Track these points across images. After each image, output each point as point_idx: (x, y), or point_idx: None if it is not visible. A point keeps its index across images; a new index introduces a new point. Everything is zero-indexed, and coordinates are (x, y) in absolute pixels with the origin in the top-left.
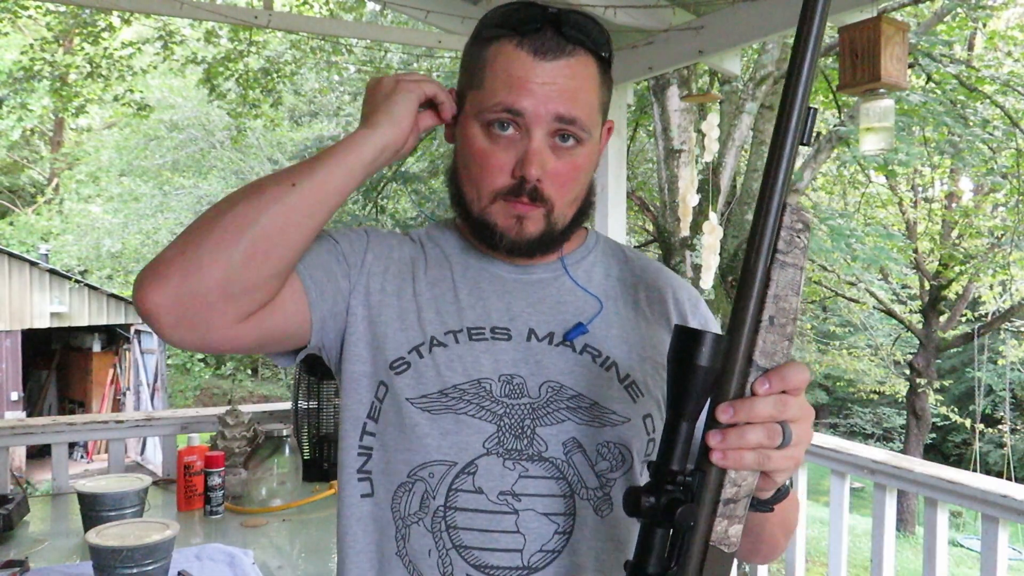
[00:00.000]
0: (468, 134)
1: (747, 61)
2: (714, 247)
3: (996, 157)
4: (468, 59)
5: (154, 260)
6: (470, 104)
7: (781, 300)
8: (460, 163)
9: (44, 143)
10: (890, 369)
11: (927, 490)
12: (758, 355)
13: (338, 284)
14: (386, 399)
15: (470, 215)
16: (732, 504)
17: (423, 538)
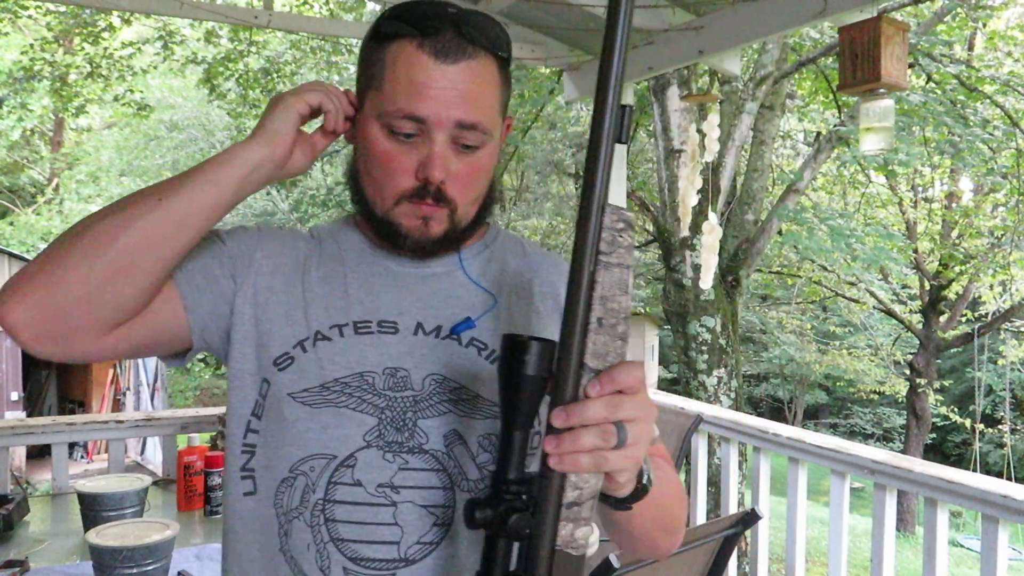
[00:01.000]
0: (369, 136)
1: (747, 61)
2: (714, 247)
3: (996, 157)
4: (367, 57)
5: (17, 273)
6: (370, 105)
7: (609, 301)
8: (361, 164)
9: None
10: (890, 369)
11: (927, 490)
12: (589, 357)
13: (220, 286)
14: (268, 395)
15: (374, 215)
16: (576, 507)
17: (303, 532)
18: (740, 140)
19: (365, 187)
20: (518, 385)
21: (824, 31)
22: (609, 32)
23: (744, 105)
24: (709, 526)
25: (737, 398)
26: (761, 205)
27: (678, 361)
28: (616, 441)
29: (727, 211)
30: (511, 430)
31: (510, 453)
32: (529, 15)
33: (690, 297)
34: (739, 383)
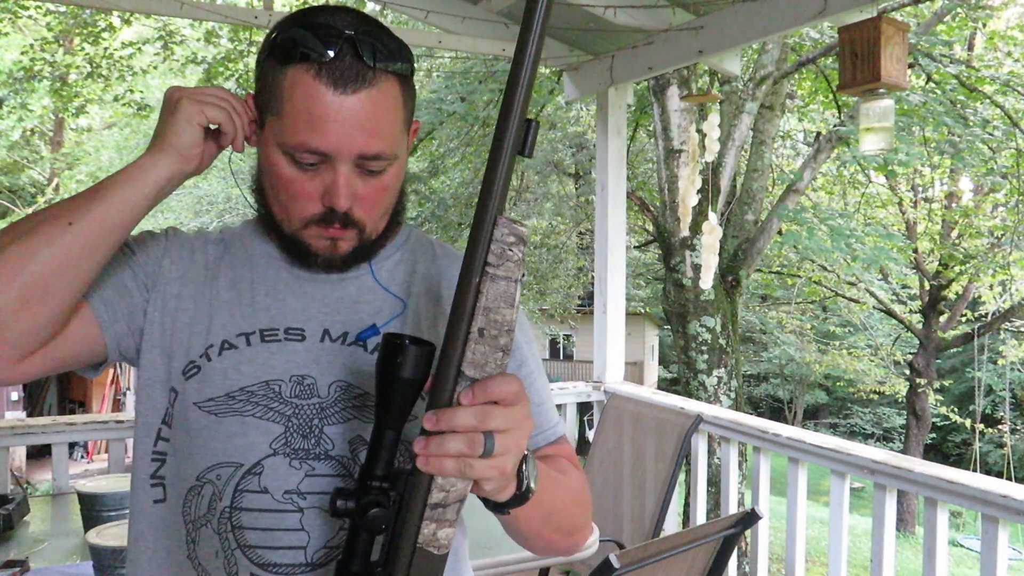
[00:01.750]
0: (271, 159)
1: (747, 61)
2: (714, 247)
3: (996, 157)
4: (265, 73)
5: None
6: (270, 130)
7: (492, 312)
8: (266, 182)
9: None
10: (890, 369)
11: (927, 490)
12: (467, 366)
13: (132, 299)
14: (176, 404)
15: (281, 232)
16: (441, 508)
17: (210, 540)
18: (740, 140)
19: (272, 205)
20: (392, 385)
21: (824, 31)
22: (521, 42)
23: (744, 105)
24: (709, 526)
25: (737, 398)
26: (761, 205)
27: (678, 361)
28: (482, 450)
29: (727, 211)
30: (383, 427)
31: (379, 449)
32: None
33: (690, 297)
34: (739, 383)
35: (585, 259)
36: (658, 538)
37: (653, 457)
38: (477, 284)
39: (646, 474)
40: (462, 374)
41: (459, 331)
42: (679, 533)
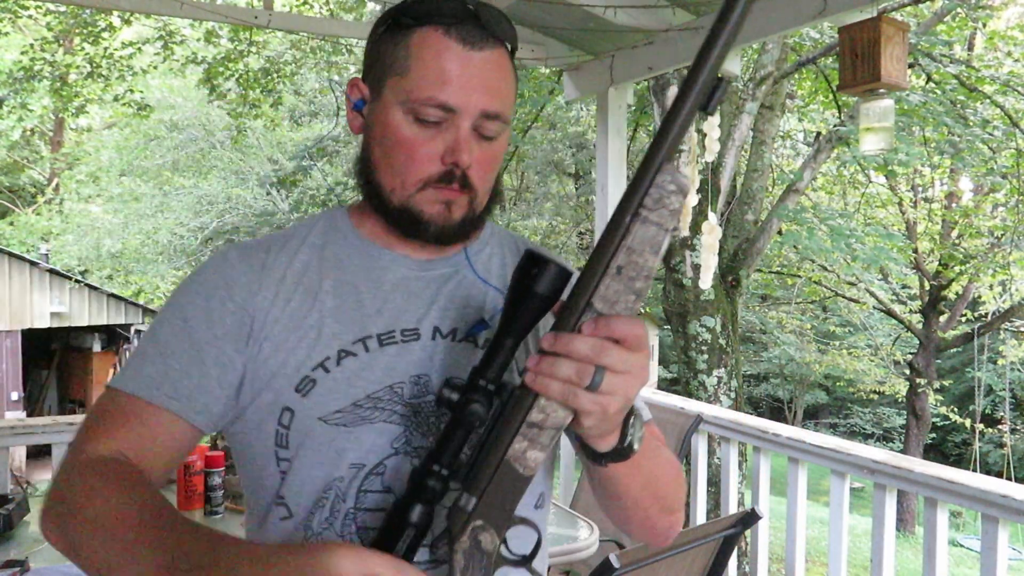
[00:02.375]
0: (390, 122)
1: (747, 61)
2: (713, 247)
3: (996, 157)
4: (385, 47)
5: (48, 520)
6: (392, 91)
7: (635, 254)
8: (378, 151)
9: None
10: (890, 369)
11: (927, 490)
12: (597, 299)
13: (224, 371)
14: (294, 423)
15: (390, 204)
16: (537, 429)
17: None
18: (740, 140)
19: (381, 175)
20: (523, 297)
21: (824, 31)
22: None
23: (744, 105)
24: (709, 526)
25: (737, 398)
26: (761, 205)
27: (678, 361)
28: (590, 382)
29: (727, 211)
30: (504, 336)
31: (496, 354)
32: (529, 15)
33: (690, 297)
34: (739, 383)
35: (585, 259)
36: None
37: None
38: (628, 223)
39: None
40: (591, 306)
41: (599, 264)
42: (679, 533)
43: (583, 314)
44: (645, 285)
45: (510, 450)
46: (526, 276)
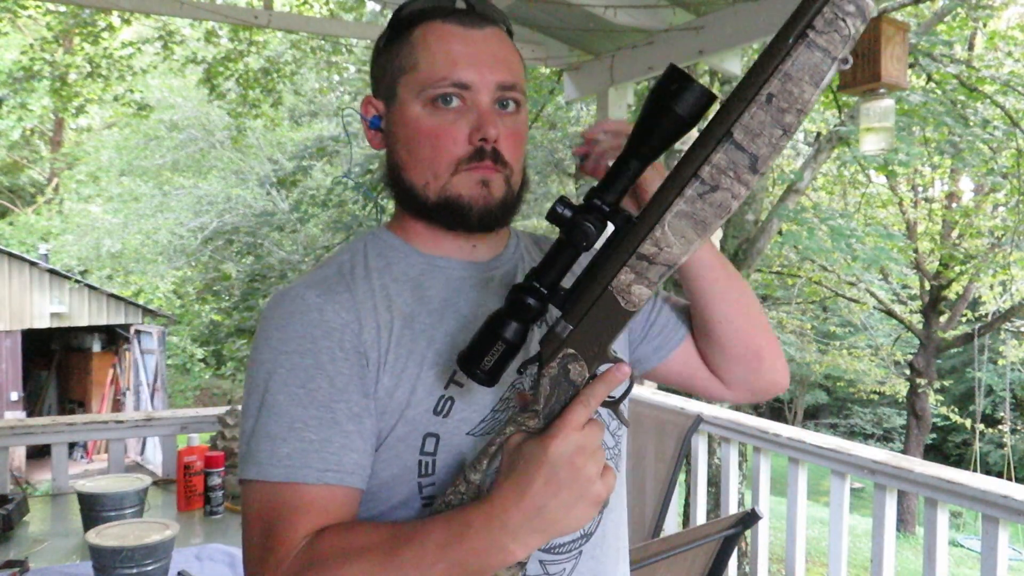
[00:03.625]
0: (410, 117)
1: (747, 61)
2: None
3: (996, 157)
4: (389, 55)
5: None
6: (405, 89)
7: (791, 81)
8: (404, 154)
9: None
10: (890, 369)
11: (927, 490)
12: (738, 129)
13: (360, 423)
14: (439, 448)
15: (428, 201)
16: (647, 263)
17: None
18: None
19: (412, 175)
20: (658, 113)
21: None
22: None
23: None
24: (709, 526)
25: None
26: (761, 205)
27: None
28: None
29: None
30: (629, 156)
31: (619, 176)
32: (529, 15)
33: None
34: None
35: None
36: (658, 538)
37: (653, 457)
38: (790, 45)
39: (646, 474)
40: (730, 135)
41: (748, 89)
42: (679, 533)
43: (720, 144)
44: (796, 121)
45: (615, 280)
46: (664, 93)
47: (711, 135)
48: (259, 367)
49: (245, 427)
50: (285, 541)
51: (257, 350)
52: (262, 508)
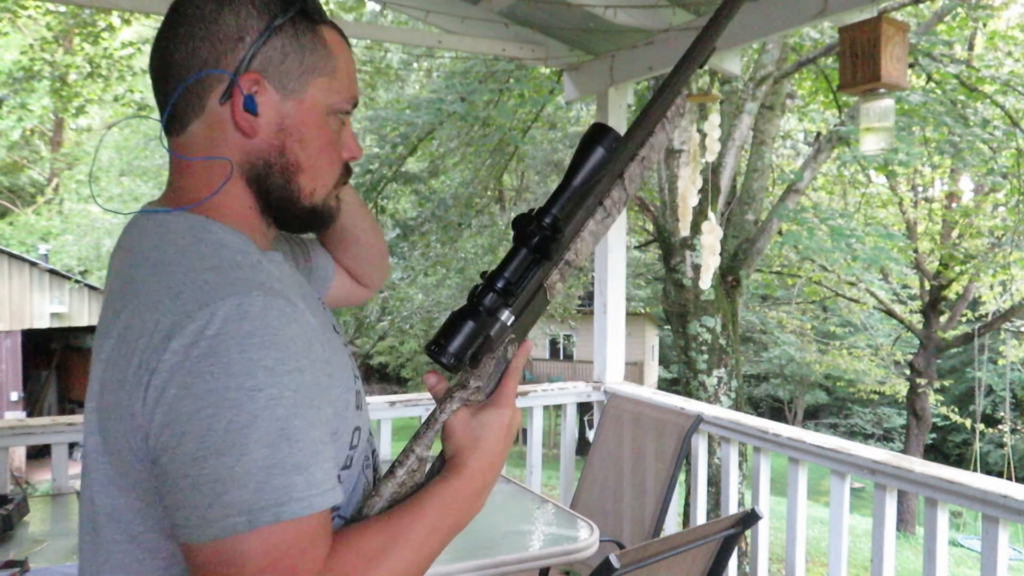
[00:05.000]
0: (318, 122)
1: (747, 61)
2: (713, 247)
3: (996, 157)
4: (299, 43)
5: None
6: (320, 91)
7: (652, 150)
8: (302, 156)
9: (44, 143)
10: (890, 369)
11: (927, 490)
12: (626, 176)
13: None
14: (359, 438)
15: (304, 206)
16: (567, 266)
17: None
18: (740, 140)
19: (303, 180)
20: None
21: (824, 31)
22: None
23: (744, 105)
24: (709, 526)
25: (737, 398)
26: (761, 205)
27: (678, 361)
28: None
29: (727, 211)
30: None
31: (563, 196)
32: (529, 15)
33: (690, 297)
34: (739, 383)
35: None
36: (658, 538)
37: (653, 457)
38: (654, 128)
39: (646, 474)
40: (622, 179)
41: (631, 151)
42: (679, 533)
43: (615, 185)
44: (646, 174)
45: (548, 280)
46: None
47: (611, 178)
48: (253, 393)
49: (235, 466)
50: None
51: (248, 373)
52: (275, 555)
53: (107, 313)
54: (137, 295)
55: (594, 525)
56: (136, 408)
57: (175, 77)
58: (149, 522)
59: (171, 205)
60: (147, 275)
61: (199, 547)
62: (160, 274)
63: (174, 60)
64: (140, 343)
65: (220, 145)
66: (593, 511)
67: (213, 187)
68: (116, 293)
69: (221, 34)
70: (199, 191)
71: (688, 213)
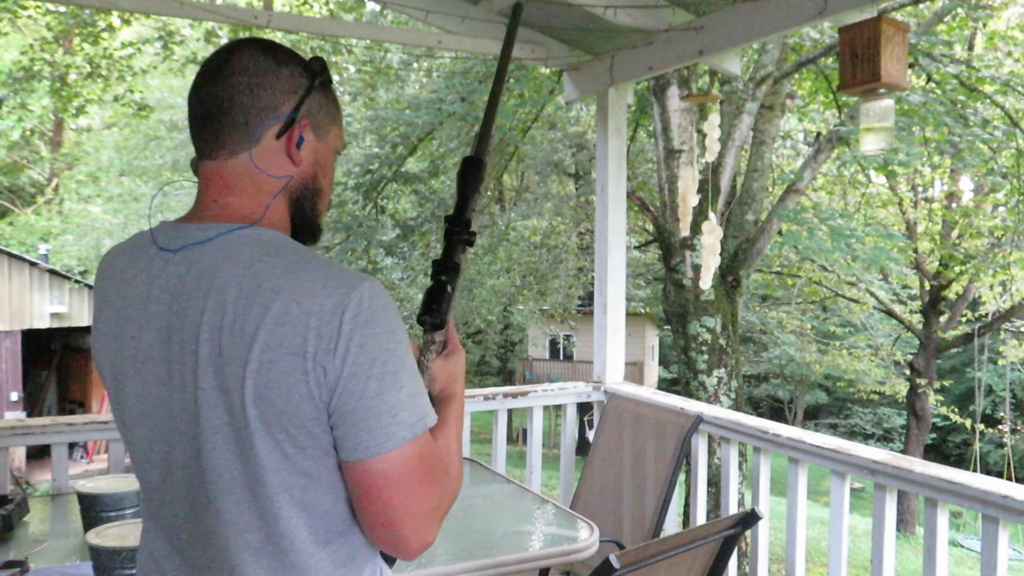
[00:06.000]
0: (332, 160)
1: (747, 61)
2: (713, 247)
3: (996, 157)
4: (325, 98)
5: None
6: (334, 137)
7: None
8: (324, 184)
9: (44, 143)
10: (890, 369)
11: (927, 490)
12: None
13: None
14: None
15: (315, 222)
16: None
17: None
18: (740, 140)
19: (321, 204)
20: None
21: (824, 31)
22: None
23: (744, 105)
24: (709, 526)
25: (737, 398)
26: (761, 205)
27: (678, 361)
28: None
29: (727, 211)
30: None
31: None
32: (529, 15)
33: (690, 297)
34: (739, 383)
35: (585, 259)
36: (658, 538)
37: (653, 457)
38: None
39: (646, 474)
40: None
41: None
42: (679, 533)
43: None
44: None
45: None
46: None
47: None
48: (399, 344)
49: (399, 396)
50: (448, 462)
51: (393, 332)
52: (422, 452)
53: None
54: (281, 291)
55: (594, 525)
56: (328, 367)
57: (237, 114)
58: (315, 459)
59: (226, 220)
60: (280, 274)
61: (379, 459)
62: (296, 272)
63: (236, 102)
64: (311, 322)
65: (270, 169)
66: (593, 511)
67: (263, 204)
68: (232, 294)
69: (280, 86)
70: (251, 207)
71: (688, 213)
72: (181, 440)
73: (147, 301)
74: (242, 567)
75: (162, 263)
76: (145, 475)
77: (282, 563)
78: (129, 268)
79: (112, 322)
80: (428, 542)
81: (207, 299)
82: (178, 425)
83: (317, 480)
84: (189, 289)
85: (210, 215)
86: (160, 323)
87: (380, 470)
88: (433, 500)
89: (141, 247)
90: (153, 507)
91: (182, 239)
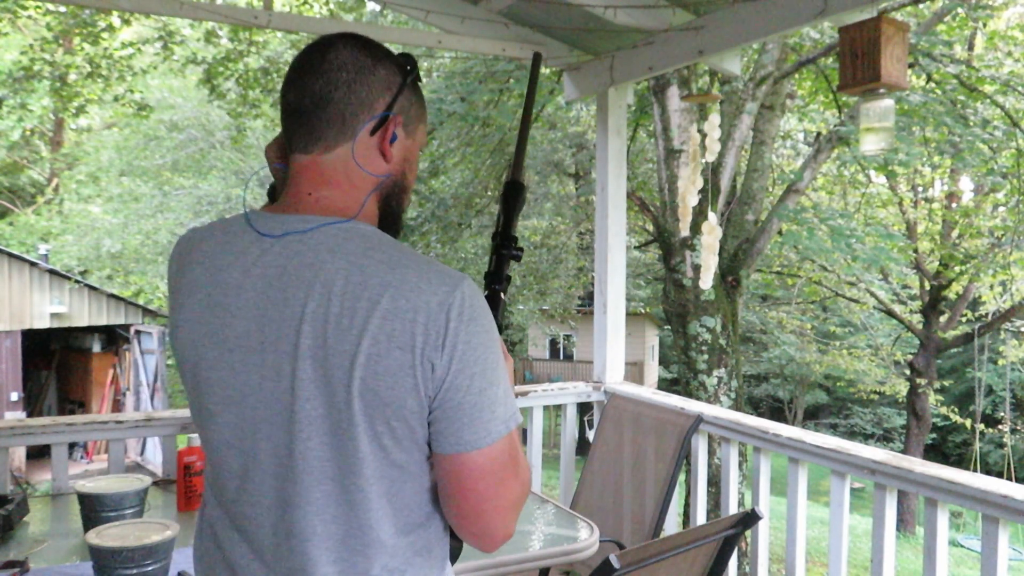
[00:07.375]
0: (417, 158)
1: (747, 61)
2: (713, 247)
3: (996, 157)
4: (415, 96)
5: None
6: (421, 134)
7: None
8: (411, 180)
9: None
10: (890, 369)
11: (927, 490)
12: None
13: None
14: None
15: (399, 217)
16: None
17: None
18: (740, 140)
19: (405, 198)
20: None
21: (824, 31)
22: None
23: (744, 105)
24: (709, 526)
25: (737, 398)
26: (761, 205)
27: (678, 361)
28: None
29: (727, 211)
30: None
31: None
32: (529, 15)
33: (690, 297)
34: (739, 383)
35: (585, 259)
36: (658, 538)
37: (653, 457)
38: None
39: (646, 474)
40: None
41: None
42: (679, 533)
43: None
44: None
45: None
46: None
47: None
48: (496, 342)
49: (498, 392)
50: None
51: (490, 330)
52: (514, 445)
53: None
54: (389, 286)
55: (594, 525)
56: (436, 362)
57: (334, 110)
58: (408, 452)
59: (322, 212)
60: (386, 269)
61: (478, 453)
62: (401, 268)
63: (334, 98)
64: (419, 317)
65: (366, 166)
66: (593, 511)
67: (358, 199)
68: (339, 287)
69: (376, 84)
70: (347, 202)
71: (688, 213)
72: (271, 429)
73: (242, 288)
74: (322, 557)
75: (259, 251)
76: (224, 463)
77: (364, 555)
78: (222, 254)
79: (201, 308)
80: (510, 533)
81: (311, 290)
82: (268, 414)
83: (407, 472)
84: (290, 279)
85: (305, 207)
86: (254, 311)
87: (479, 464)
88: (518, 491)
89: (234, 233)
90: (229, 495)
91: (281, 228)
